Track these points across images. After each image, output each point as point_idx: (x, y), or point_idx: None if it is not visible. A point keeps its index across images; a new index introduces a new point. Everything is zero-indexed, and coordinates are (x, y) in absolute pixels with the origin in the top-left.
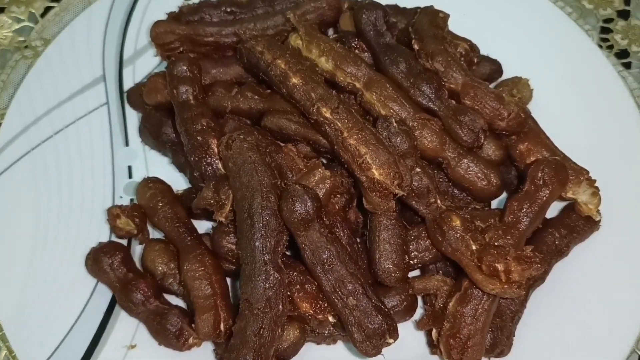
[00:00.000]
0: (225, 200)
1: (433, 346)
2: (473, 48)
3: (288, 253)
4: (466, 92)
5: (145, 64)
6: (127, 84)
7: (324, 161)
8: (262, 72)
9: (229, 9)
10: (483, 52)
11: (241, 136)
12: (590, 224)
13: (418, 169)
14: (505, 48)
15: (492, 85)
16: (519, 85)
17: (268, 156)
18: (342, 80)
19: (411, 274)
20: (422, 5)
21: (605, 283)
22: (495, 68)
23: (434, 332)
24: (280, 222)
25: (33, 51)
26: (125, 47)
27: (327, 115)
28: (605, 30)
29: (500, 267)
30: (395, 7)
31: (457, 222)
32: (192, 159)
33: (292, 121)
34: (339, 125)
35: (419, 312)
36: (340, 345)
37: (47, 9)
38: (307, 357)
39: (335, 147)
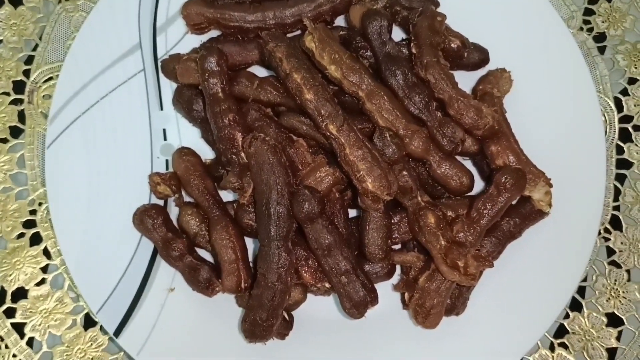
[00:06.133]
0: (247, 187)
1: (404, 304)
2: (465, 44)
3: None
4: (451, 104)
5: (176, 31)
6: (160, 51)
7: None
8: (280, 78)
9: None
10: (472, 36)
11: (261, 136)
12: (541, 213)
13: (404, 172)
14: (492, 34)
15: (479, 74)
16: (502, 80)
17: (283, 156)
18: (347, 88)
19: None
20: None
21: (542, 260)
22: (483, 57)
23: (406, 294)
24: (291, 214)
25: (73, 4)
26: (157, 15)
27: (334, 131)
28: (589, 12)
29: (460, 263)
30: None
31: (431, 220)
32: (219, 146)
33: (303, 123)
34: (343, 141)
35: (397, 274)
36: (331, 301)
37: None
38: (306, 309)
39: (338, 159)
